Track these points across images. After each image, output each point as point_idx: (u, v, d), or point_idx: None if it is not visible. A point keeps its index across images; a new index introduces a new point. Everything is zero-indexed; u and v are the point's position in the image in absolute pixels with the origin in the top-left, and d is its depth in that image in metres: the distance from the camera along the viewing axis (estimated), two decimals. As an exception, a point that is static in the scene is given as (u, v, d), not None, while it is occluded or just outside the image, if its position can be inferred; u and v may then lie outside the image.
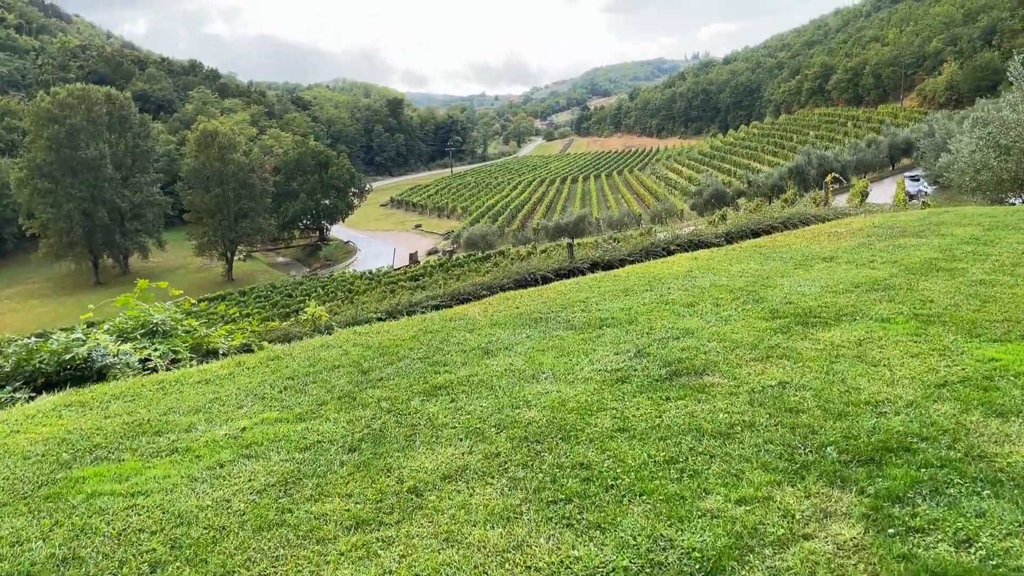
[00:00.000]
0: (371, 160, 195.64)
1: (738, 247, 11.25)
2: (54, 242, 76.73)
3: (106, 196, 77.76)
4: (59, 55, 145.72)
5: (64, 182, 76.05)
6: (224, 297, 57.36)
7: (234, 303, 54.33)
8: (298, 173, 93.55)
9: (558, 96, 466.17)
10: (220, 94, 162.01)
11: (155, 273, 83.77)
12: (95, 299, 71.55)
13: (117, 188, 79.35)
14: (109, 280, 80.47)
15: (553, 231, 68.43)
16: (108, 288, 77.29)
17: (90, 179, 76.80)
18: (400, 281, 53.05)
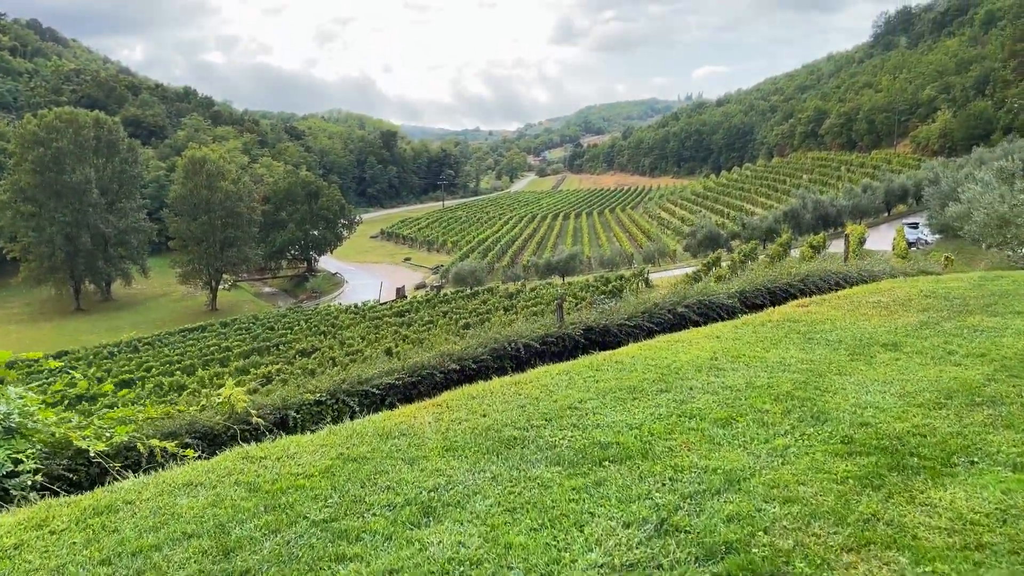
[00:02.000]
0: (363, 191, 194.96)
1: (767, 320, 9.51)
2: (35, 266, 74.97)
3: (90, 221, 76.28)
4: (52, 78, 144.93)
5: (48, 206, 74.56)
6: (204, 328, 55.89)
7: (215, 334, 52.90)
8: (288, 203, 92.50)
9: (552, 133, 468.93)
10: (213, 121, 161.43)
11: (138, 300, 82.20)
12: (75, 326, 69.97)
13: (102, 213, 77.89)
14: (90, 307, 78.78)
15: (543, 268, 67.36)
16: (89, 315, 75.65)
17: (74, 203, 75.35)
18: (385, 316, 51.74)
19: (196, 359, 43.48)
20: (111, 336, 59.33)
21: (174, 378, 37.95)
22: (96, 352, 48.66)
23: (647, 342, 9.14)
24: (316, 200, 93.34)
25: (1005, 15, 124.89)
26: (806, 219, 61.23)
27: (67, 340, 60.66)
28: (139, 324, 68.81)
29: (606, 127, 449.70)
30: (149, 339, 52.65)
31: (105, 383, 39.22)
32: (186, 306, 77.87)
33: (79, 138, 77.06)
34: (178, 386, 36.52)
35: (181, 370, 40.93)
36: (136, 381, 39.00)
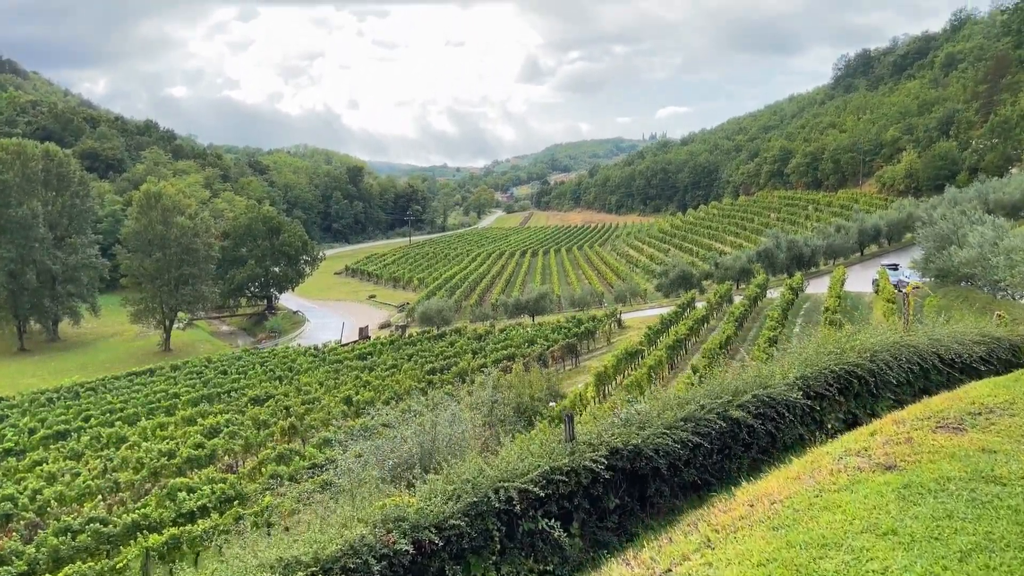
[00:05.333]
0: (328, 227, 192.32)
1: (941, 479, 5.84)
2: (-25, 304, 71.10)
3: (36, 257, 72.60)
4: (6, 110, 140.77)
5: (-10, 241, 70.93)
6: (153, 371, 52.64)
7: (164, 379, 49.75)
8: (248, 239, 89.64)
9: (519, 170, 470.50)
10: (174, 155, 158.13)
11: (87, 340, 78.28)
12: (16, 368, 66.00)
13: (49, 249, 74.26)
14: (35, 347, 74.76)
15: (513, 308, 65.20)
16: (32, 356, 71.69)
17: (19, 239, 71.70)
18: (347, 360, 49.11)
19: (141, 407, 40.38)
20: (55, 379, 55.77)
21: (114, 429, 34.89)
22: (33, 399, 45.22)
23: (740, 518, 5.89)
24: (278, 236, 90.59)
25: (966, 57, 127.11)
26: (780, 259, 59.98)
27: (5, 384, 56.88)
28: (87, 366, 65.16)
29: (572, 165, 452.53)
30: (93, 384, 49.28)
31: (37, 433, 36.13)
32: (138, 347, 74.23)
33: (27, 171, 73.73)
34: (118, 438, 33.49)
35: (123, 420, 37.82)
36: (72, 433, 35.82)
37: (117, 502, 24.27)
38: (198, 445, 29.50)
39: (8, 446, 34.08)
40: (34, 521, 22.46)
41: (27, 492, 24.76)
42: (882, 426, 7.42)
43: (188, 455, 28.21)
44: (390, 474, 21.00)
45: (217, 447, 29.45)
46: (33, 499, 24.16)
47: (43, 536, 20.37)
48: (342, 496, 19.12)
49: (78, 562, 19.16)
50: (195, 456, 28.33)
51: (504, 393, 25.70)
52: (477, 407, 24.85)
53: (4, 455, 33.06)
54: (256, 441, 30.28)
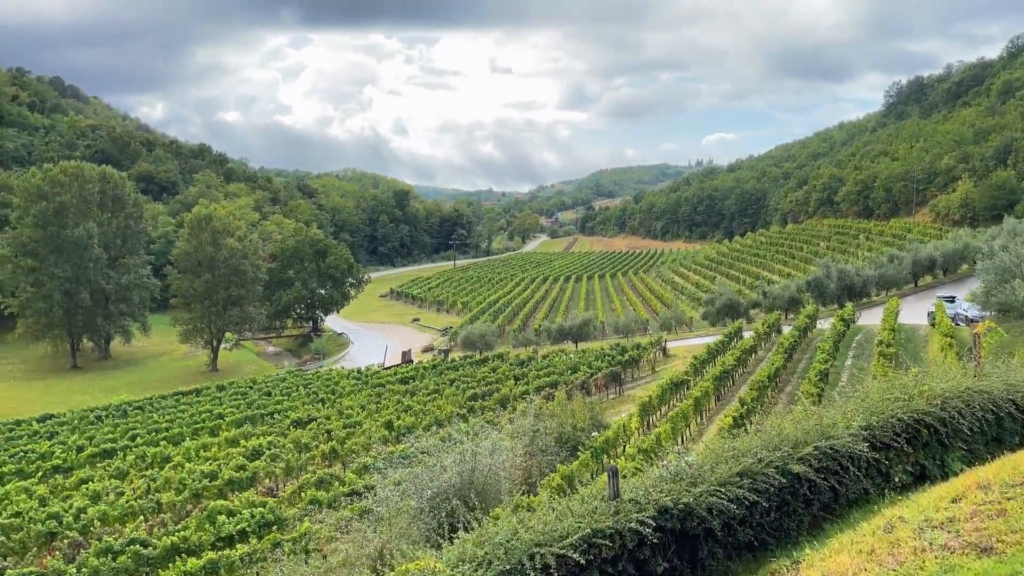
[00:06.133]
0: (374, 250, 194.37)
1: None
2: (32, 322, 72.93)
3: (90, 276, 74.37)
4: (67, 133, 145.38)
5: (48, 260, 72.81)
6: (199, 391, 53.28)
7: (209, 399, 50.30)
8: (295, 261, 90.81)
9: (564, 195, 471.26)
10: (226, 178, 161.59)
11: (137, 359, 79.80)
12: (68, 385, 67.45)
13: (103, 269, 76.02)
14: (87, 365, 76.42)
15: (556, 334, 64.76)
16: (85, 373, 73.25)
17: (75, 259, 73.56)
18: (389, 383, 49.11)
19: (186, 427, 40.78)
20: (105, 397, 56.85)
21: (158, 449, 35.23)
22: (83, 416, 46.02)
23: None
24: (324, 258, 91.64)
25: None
26: (830, 289, 58.63)
27: (58, 400, 58.12)
28: (136, 384, 66.33)
29: (617, 191, 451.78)
30: (140, 403, 50.04)
31: (85, 451, 36.66)
32: (186, 366, 75.40)
33: (83, 192, 75.78)
34: (162, 458, 33.78)
35: (168, 439, 38.22)
36: (118, 451, 36.26)
37: (158, 523, 24.34)
38: (240, 467, 29.54)
39: (56, 463, 34.61)
40: (77, 540, 22.61)
41: (72, 510, 24.96)
42: (965, 490, 6.76)
43: (230, 477, 28.25)
44: (428, 504, 20.69)
45: (258, 469, 29.47)
46: (77, 518, 24.34)
47: (85, 556, 20.47)
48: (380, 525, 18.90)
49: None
50: (236, 478, 28.36)
51: (546, 422, 25.28)
52: (518, 436, 24.45)
53: (52, 472, 33.56)
54: (297, 465, 30.23)
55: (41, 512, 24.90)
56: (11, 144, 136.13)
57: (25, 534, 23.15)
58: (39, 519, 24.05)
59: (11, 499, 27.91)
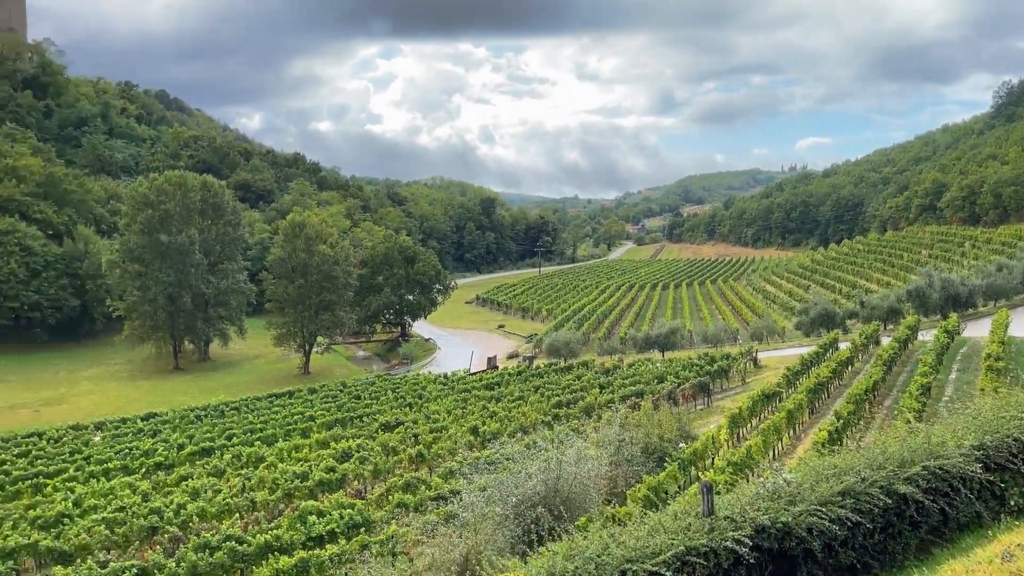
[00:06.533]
0: (461, 256, 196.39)
1: None
2: (138, 325, 76.64)
3: (192, 281, 77.69)
4: (172, 144, 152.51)
5: (153, 266, 76.48)
6: (292, 394, 54.86)
7: (301, 401, 51.72)
8: (384, 267, 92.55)
9: (650, 202, 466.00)
10: (319, 186, 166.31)
11: (234, 361, 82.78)
12: (171, 385, 70.48)
13: (203, 274, 79.32)
14: (188, 366, 79.70)
15: (642, 342, 63.95)
16: (186, 374, 76.41)
17: (178, 264, 77.01)
18: (474, 389, 49.42)
19: (279, 428, 42.03)
20: (204, 397, 59.18)
21: (253, 449, 36.38)
22: (183, 416, 48.00)
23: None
24: (413, 265, 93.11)
25: None
26: (933, 299, 56.00)
27: (161, 400, 60.80)
28: (232, 386, 68.80)
29: (706, 197, 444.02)
30: (236, 404, 51.86)
31: (185, 449, 38.20)
32: (280, 368, 77.75)
33: (186, 200, 79.24)
34: (256, 458, 34.86)
35: (262, 440, 39.46)
36: (216, 450, 37.64)
37: (252, 521, 25.07)
38: (330, 469, 30.17)
39: (159, 460, 36.16)
40: (177, 535, 23.50)
41: (172, 506, 26.00)
42: None
43: (320, 478, 28.88)
44: (513, 511, 20.63)
45: (347, 472, 30.03)
46: (177, 513, 25.32)
47: (184, 551, 21.24)
48: (465, 530, 18.94)
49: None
50: (326, 480, 28.97)
51: (632, 432, 24.92)
52: (603, 445, 24.15)
53: (155, 469, 35.07)
54: (385, 468, 30.69)
55: (143, 507, 26.00)
56: (120, 155, 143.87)
57: (128, 528, 24.19)
58: (141, 514, 25.11)
59: (116, 494, 29.27)
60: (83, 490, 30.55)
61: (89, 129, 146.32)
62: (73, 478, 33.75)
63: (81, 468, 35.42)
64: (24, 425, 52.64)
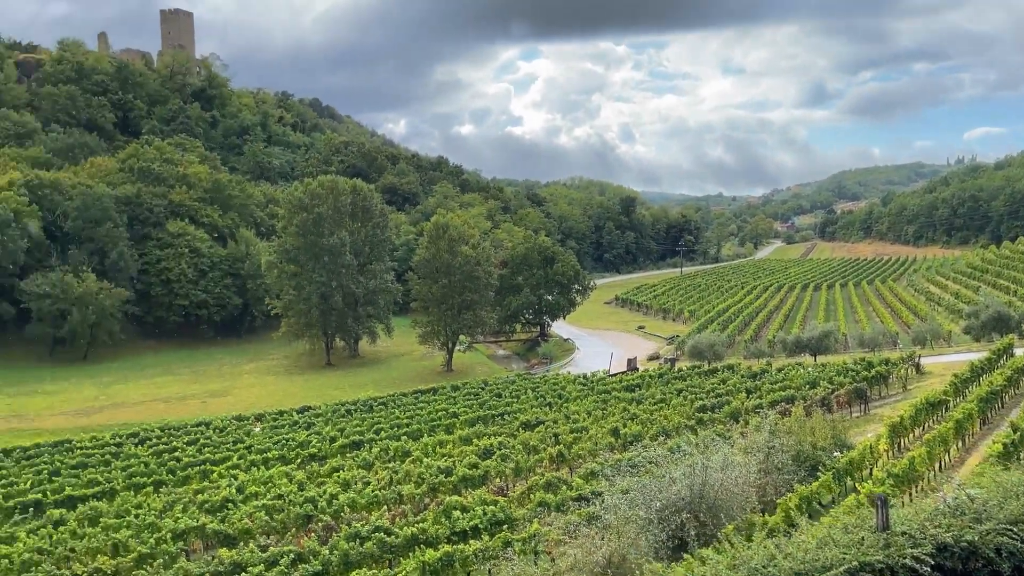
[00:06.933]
0: (600, 256, 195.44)
1: None
2: (293, 322, 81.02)
3: (343, 281, 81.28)
4: (324, 150, 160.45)
5: (307, 266, 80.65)
6: (436, 390, 56.23)
7: (444, 398, 52.89)
8: (524, 267, 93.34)
9: (800, 198, 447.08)
10: (461, 189, 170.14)
11: (381, 358, 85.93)
12: (323, 380, 73.98)
13: (353, 274, 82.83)
14: (339, 362, 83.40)
15: (792, 346, 61.24)
16: (337, 370, 80.00)
17: (330, 265, 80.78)
18: (615, 390, 48.87)
19: (424, 423, 43.18)
20: (354, 392, 61.77)
21: (399, 443, 37.51)
22: (335, 409, 50.22)
23: None
24: (552, 265, 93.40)
25: None
26: None
27: (315, 394, 63.91)
28: (380, 381, 71.43)
29: (862, 192, 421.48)
30: (384, 399, 53.71)
31: (337, 442, 39.92)
32: (424, 366, 79.97)
33: (338, 204, 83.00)
34: (403, 452, 35.93)
35: (408, 435, 40.63)
36: (365, 443, 39.12)
37: (399, 513, 25.78)
38: (472, 465, 30.63)
39: (313, 451, 37.97)
40: (329, 524, 24.51)
41: (325, 496, 27.16)
42: None
43: (463, 474, 29.37)
44: (657, 516, 20.12)
45: (489, 469, 30.38)
46: (330, 503, 26.42)
47: (336, 539, 22.11)
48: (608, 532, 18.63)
49: (364, 568, 20.49)
50: (469, 476, 29.42)
51: (782, 438, 23.85)
52: (751, 451, 23.20)
53: (309, 459, 36.82)
54: (526, 466, 30.82)
55: (299, 496, 27.31)
56: (277, 161, 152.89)
57: (285, 515, 25.46)
58: (297, 502, 26.38)
59: (274, 482, 30.92)
60: (245, 477, 32.49)
61: (250, 137, 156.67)
62: (236, 466, 35.96)
63: (243, 457, 37.70)
64: (193, 415, 56.80)
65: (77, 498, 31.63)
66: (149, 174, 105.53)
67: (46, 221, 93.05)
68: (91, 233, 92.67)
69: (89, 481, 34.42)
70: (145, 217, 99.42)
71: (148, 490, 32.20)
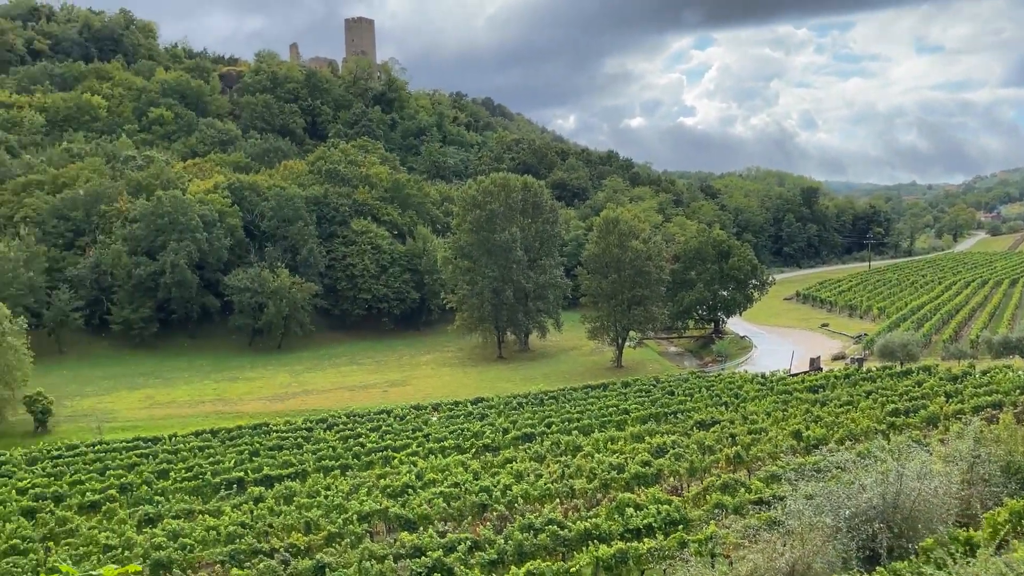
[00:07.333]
0: (778, 250, 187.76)
1: None
2: (467, 316, 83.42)
3: (513, 276, 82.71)
4: (496, 148, 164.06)
5: (480, 262, 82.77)
6: (606, 386, 55.96)
7: (615, 394, 52.54)
8: (697, 262, 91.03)
9: (1008, 185, 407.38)
10: (631, 182, 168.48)
11: (550, 352, 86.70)
12: (495, 373, 75.68)
13: (524, 270, 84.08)
14: (510, 355, 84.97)
15: (999, 346, 55.89)
16: (508, 363, 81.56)
17: (501, 260, 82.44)
18: (796, 391, 46.58)
19: (594, 419, 43.10)
20: (524, 385, 62.74)
21: (571, 437, 37.63)
22: (507, 402, 51.16)
23: None
24: (727, 259, 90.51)
25: None
26: None
27: (487, 386, 65.48)
28: (550, 375, 72.10)
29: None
30: (554, 393, 54.11)
31: (509, 433, 40.63)
32: (593, 361, 79.87)
33: (509, 200, 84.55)
34: (574, 447, 36.01)
35: (579, 429, 40.70)
36: (536, 436, 39.55)
37: (571, 508, 25.81)
38: (645, 463, 30.17)
39: (486, 442, 38.86)
40: (504, 514, 24.94)
41: (499, 486, 27.66)
42: None
43: (635, 472, 28.98)
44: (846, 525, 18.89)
45: (663, 467, 29.81)
46: (504, 493, 26.89)
47: (511, 529, 22.45)
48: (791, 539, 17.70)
49: (538, 559, 20.65)
50: (642, 473, 29.00)
51: (989, 447, 21.82)
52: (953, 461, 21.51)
53: (483, 450, 37.72)
54: (701, 466, 30.00)
55: (474, 485, 27.97)
56: (452, 160, 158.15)
57: (462, 503, 26.15)
58: (473, 491, 27.03)
59: (451, 471, 31.88)
60: (424, 465, 33.75)
61: (426, 138, 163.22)
62: (415, 453, 37.46)
63: (421, 445, 39.21)
64: (375, 403, 59.82)
65: (274, 477, 34.15)
66: (335, 175, 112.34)
67: (246, 220, 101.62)
68: (284, 231, 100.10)
69: (284, 462, 37.05)
70: (332, 216, 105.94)
71: (336, 473, 34.17)
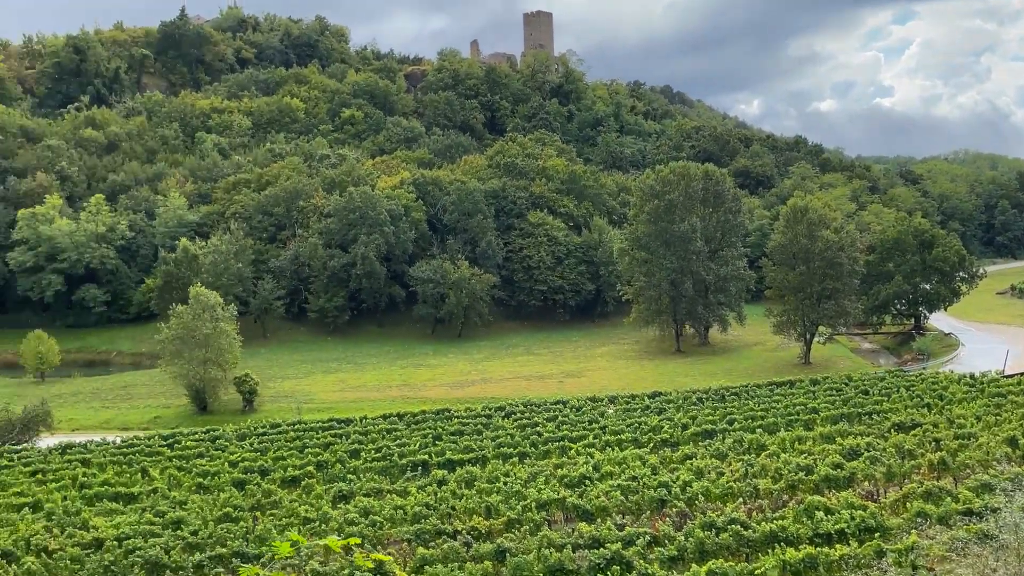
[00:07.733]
0: (990, 240, 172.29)
1: None
2: (644, 308, 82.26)
3: (693, 268, 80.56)
4: (675, 136, 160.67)
5: (658, 253, 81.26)
6: (793, 383, 53.32)
7: (803, 392, 50.01)
8: (895, 253, 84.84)
9: None
10: (821, 169, 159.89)
11: (731, 347, 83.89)
12: (673, 367, 74.28)
13: (704, 261, 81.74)
14: (688, 349, 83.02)
15: None
16: (686, 357, 79.75)
17: (680, 251, 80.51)
18: (1011, 394, 42.24)
19: (780, 417, 41.19)
20: (704, 380, 61.05)
21: (754, 436, 36.17)
22: (686, 397, 49.96)
23: None
24: (930, 250, 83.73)
25: None
26: None
27: (664, 380, 64.30)
28: (731, 371, 69.72)
29: None
30: (736, 389, 52.25)
31: (688, 429, 39.65)
32: (778, 357, 76.46)
33: (688, 190, 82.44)
34: (758, 445, 34.56)
35: (763, 427, 39.05)
36: (717, 432, 38.35)
37: (755, 508, 24.77)
38: (836, 465, 28.42)
39: (664, 437, 38.14)
40: (683, 511, 24.32)
41: (679, 482, 27.01)
42: None
43: (826, 474, 27.38)
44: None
45: (856, 471, 27.98)
46: (683, 490, 26.23)
47: (691, 527, 21.83)
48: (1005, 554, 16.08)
49: (720, 559, 19.94)
50: (833, 476, 27.34)
51: None
52: None
53: (661, 445, 37.04)
54: (899, 471, 27.86)
55: (653, 480, 27.49)
56: (629, 150, 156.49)
57: (640, 497, 25.76)
58: (651, 485, 26.56)
59: (628, 464, 31.52)
60: (600, 456, 33.58)
61: (603, 128, 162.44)
62: (591, 444, 37.39)
63: (598, 436, 39.10)
64: (551, 393, 60.31)
65: (455, 462, 35.25)
66: (513, 168, 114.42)
67: (429, 214, 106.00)
68: (465, 224, 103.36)
69: (465, 447, 38.17)
70: (509, 208, 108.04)
71: (514, 460, 34.78)
